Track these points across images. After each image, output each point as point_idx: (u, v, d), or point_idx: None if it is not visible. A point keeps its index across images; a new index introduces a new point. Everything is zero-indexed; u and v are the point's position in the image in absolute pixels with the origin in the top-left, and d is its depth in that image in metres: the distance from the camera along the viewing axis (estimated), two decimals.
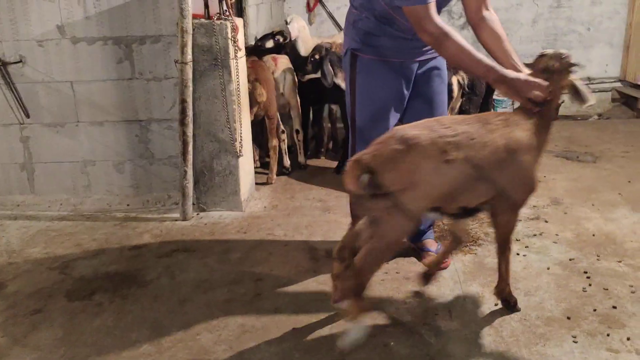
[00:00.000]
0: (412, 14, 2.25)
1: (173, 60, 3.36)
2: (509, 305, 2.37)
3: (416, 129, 2.05)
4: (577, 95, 2.21)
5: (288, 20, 5.15)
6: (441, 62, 2.68)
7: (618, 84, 6.50)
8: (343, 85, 3.81)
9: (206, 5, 3.30)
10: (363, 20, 2.52)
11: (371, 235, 2.01)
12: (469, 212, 2.21)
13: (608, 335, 2.18)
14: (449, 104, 3.41)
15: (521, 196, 2.21)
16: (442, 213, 2.19)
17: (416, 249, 2.87)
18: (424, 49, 2.58)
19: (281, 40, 4.49)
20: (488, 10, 2.48)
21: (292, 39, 4.54)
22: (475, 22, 2.46)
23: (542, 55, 2.25)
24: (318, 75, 3.94)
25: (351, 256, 2.14)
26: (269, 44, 4.52)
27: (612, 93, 6.52)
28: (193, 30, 3.22)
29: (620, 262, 2.74)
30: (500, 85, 2.20)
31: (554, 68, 2.20)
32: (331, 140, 4.83)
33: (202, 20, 3.29)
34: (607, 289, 2.50)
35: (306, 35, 4.73)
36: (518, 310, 2.36)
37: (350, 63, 2.58)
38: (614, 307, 2.36)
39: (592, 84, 6.51)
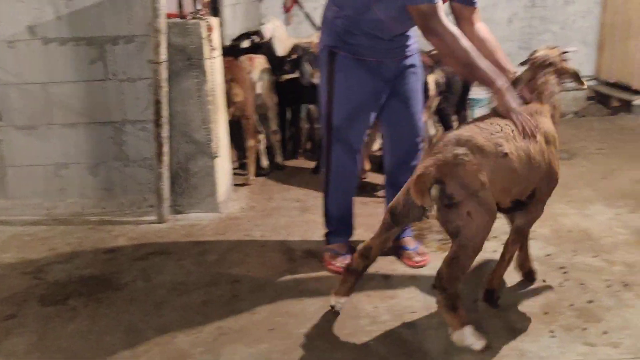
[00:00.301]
0: (419, 13, 2.23)
1: (147, 61, 3.31)
2: (492, 298, 2.38)
3: (466, 132, 2.08)
4: (577, 79, 2.39)
5: (264, 22, 5.13)
6: (417, 60, 2.67)
7: (593, 82, 6.58)
8: None
9: (180, 5, 3.26)
10: (342, 18, 2.48)
11: (457, 245, 1.99)
12: (519, 205, 2.24)
13: (585, 329, 2.20)
14: (425, 102, 3.41)
15: (552, 186, 2.30)
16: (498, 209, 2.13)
17: (395, 248, 2.86)
18: (401, 49, 2.57)
19: (257, 40, 4.47)
20: (479, 23, 2.52)
21: (268, 38, 4.52)
22: (467, 35, 2.37)
23: (534, 52, 2.37)
24: (296, 75, 3.91)
25: (375, 258, 2.24)
26: (245, 43, 4.49)
27: (587, 91, 6.60)
28: (167, 30, 3.18)
29: (596, 257, 2.77)
30: (500, 97, 2.22)
31: (549, 60, 2.30)
32: (309, 141, 4.81)
33: (176, 19, 3.25)
34: (583, 284, 2.52)
35: (282, 35, 4.71)
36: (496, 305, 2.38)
37: (328, 61, 2.55)
38: (591, 302, 2.38)
39: (569, 82, 6.58)
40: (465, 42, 2.24)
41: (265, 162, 4.22)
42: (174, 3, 3.28)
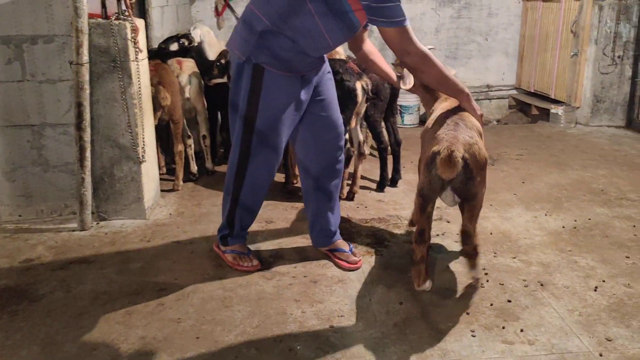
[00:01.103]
0: (396, 36, 2.35)
1: (68, 62, 3.18)
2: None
3: (465, 121, 2.51)
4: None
5: (191, 29, 5.03)
6: (328, 65, 2.79)
7: (514, 92, 6.91)
8: None
9: (103, 5, 3.15)
10: (274, 36, 2.42)
11: (474, 208, 2.51)
12: None
13: (503, 327, 2.29)
14: (353, 108, 3.46)
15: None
16: None
17: (328, 253, 2.88)
18: (322, 60, 2.65)
19: (186, 43, 4.39)
20: (367, 39, 2.79)
21: (198, 42, 4.47)
22: (358, 53, 2.78)
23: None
24: (224, 79, 3.87)
25: (430, 236, 2.56)
26: (174, 47, 4.40)
27: (509, 100, 6.92)
28: (89, 30, 3.07)
29: (514, 258, 2.89)
30: (468, 102, 2.58)
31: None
32: None
33: (99, 20, 3.14)
34: (502, 284, 2.63)
35: (212, 40, 4.66)
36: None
37: (253, 75, 2.47)
38: (509, 301, 2.48)
39: (491, 91, 6.88)
40: (436, 59, 2.45)
41: (194, 167, 4.15)
42: (97, 3, 3.18)
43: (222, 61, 3.81)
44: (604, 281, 2.64)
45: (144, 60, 3.38)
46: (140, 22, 3.32)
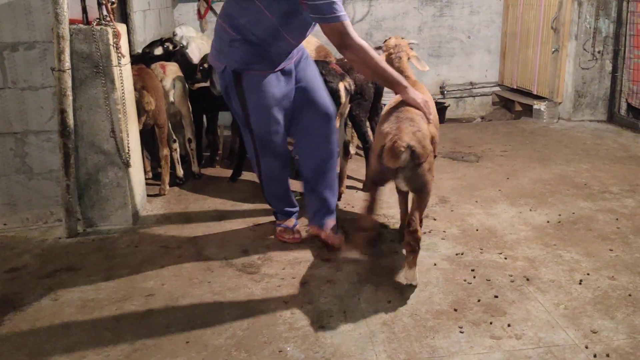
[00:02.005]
0: (333, 31, 2.52)
1: (50, 68, 3.16)
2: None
3: (407, 111, 2.60)
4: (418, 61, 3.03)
5: (177, 32, 5.04)
6: (305, 51, 2.96)
7: (497, 88, 6.97)
8: None
9: (84, 10, 3.13)
10: (240, 42, 2.66)
11: (421, 196, 2.54)
12: None
13: (491, 323, 2.31)
14: (337, 109, 3.47)
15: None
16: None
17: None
18: (296, 51, 2.81)
19: (170, 47, 4.38)
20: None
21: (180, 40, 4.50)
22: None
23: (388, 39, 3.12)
24: (208, 83, 3.86)
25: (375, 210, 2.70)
26: (158, 51, 4.38)
27: (492, 97, 6.98)
28: (71, 36, 3.05)
29: (500, 254, 2.92)
30: (405, 94, 2.63)
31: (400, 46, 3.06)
32: (229, 149, 4.76)
33: (81, 25, 3.12)
34: (489, 280, 2.66)
35: (201, 44, 4.68)
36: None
37: (234, 81, 2.72)
38: (496, 297, 2.51)
39: (475, 88, 6.94)
40: (373, 53, 2.60)
41: (180, 172, 4.13)
42: (78, 9, 3.16)
43: (205, 65, 3.80)
44: (588, 274, 2.68)
45: (126, 65, 3.36)
46: (122, 27, 3.31)
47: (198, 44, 4.88)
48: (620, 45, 5.50)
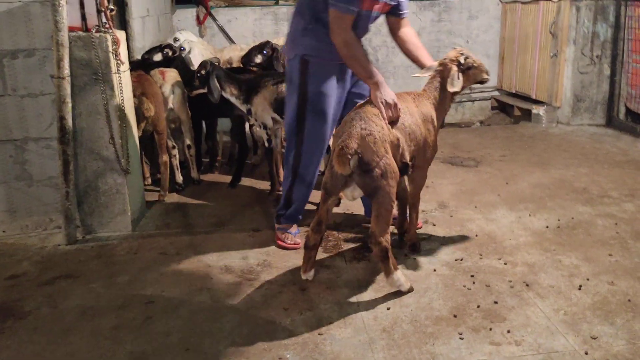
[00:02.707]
0: (335, 16, 2.67)
1: (49, 75, 3.17)
2: (416, 248, 2.99)
3: (362, 112, 2.52)
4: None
5: (178, 37, 5.00)
6: None
7: (496, 93, 6.98)
8: (232, 99, 3.78)
9: (83, 18, 3.14)
10: (313, 30, 2.84)
11: (377, 204, 2.42)
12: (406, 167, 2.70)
13: (490, 329, 2.31)
14: None
15: (428, 155, 2.82)
16: None
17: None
18: None
19: (170, 53, 4.38)
20: (405, 28, 3.03)
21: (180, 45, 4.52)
22: (396, 38, 3.03)
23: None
24: (205, 90, 3.83)
25: (326, 228, 2.67)
26: (157, 57, 4.39)
27: (491, 101, 6.98)
28: (70, 43, 3.06)
29: (500, 259, 2.92)
30: (373, 92, 2.67)
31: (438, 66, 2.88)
32: (229, 155, 4.77)
33: (80, 33, 3.13)
34: (489, 286, 2.65)
35: (204, 49, 4.70)
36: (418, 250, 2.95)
37: (300, 69, 2.89)
38: (495, 302, 2.51)
39: (474, 92, 6.94)
40: (359, 48, 2.74)
41: (179, 178, 4.13)
42: (78, 16, 3.16)
43: (202, 72, 3.80)
44: (588, 279, 2.68)
45: (126, 72, 3.37)
46: (121, 34, 3.31)
47: (200, 50, 4.89)
48: (618, 49, 5.51)
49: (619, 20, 5.47)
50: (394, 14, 3.00)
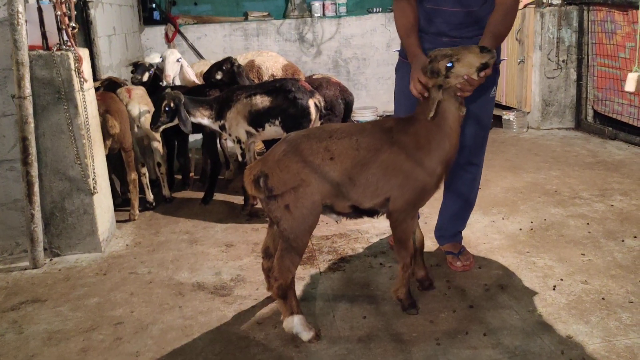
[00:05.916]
0: None
1: (10, 96, 3.09)
2: (405, 306, 2.47)
3: (300, 133, 2.30)
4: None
5: (167, 55, 4.77)
6: None
7: None
8: (204, 121, 3.73)
9: (44, 36, 3.08)
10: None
11: (282, 238, 2.20)
12: (361, 212, 2.34)
13: (467, 333, 2.29)
14: (308, 126, 3.46)
15: (408, 197, 2.27)
16: (336, 212, 2.35)
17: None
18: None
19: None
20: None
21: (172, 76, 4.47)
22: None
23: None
24: (176, 122, 3.70)
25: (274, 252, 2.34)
26: (145, 77, 4.32)
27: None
28: (30, 62, 3.00)
29: (475, 263, 2.91)
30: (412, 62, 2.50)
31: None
32: (201, 171, 4.71)
33: (41, 51, 3.07)
34: (464, 290, 2.64)
35: (186, 75, 4.65)
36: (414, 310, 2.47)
37: (396, 67, 2.93)
38: (471, 307, 2.49)
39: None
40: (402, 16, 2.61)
41: (150, 196, 4.06)
42: (38, 34, 3.10)
43: (171, 105, 3.60)
44: (562, 280, 2.68)
45: (90, 90, 3.31)
46: (84, 52, 3.26)
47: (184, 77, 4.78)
48: (583, 53, 5.61)
49: (582, 25, 5.58)
50: None
